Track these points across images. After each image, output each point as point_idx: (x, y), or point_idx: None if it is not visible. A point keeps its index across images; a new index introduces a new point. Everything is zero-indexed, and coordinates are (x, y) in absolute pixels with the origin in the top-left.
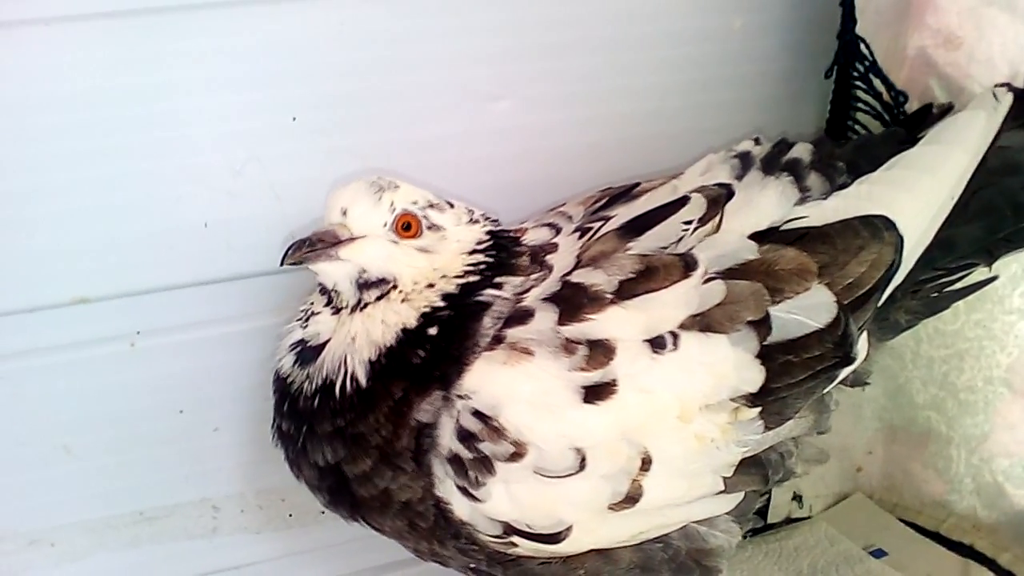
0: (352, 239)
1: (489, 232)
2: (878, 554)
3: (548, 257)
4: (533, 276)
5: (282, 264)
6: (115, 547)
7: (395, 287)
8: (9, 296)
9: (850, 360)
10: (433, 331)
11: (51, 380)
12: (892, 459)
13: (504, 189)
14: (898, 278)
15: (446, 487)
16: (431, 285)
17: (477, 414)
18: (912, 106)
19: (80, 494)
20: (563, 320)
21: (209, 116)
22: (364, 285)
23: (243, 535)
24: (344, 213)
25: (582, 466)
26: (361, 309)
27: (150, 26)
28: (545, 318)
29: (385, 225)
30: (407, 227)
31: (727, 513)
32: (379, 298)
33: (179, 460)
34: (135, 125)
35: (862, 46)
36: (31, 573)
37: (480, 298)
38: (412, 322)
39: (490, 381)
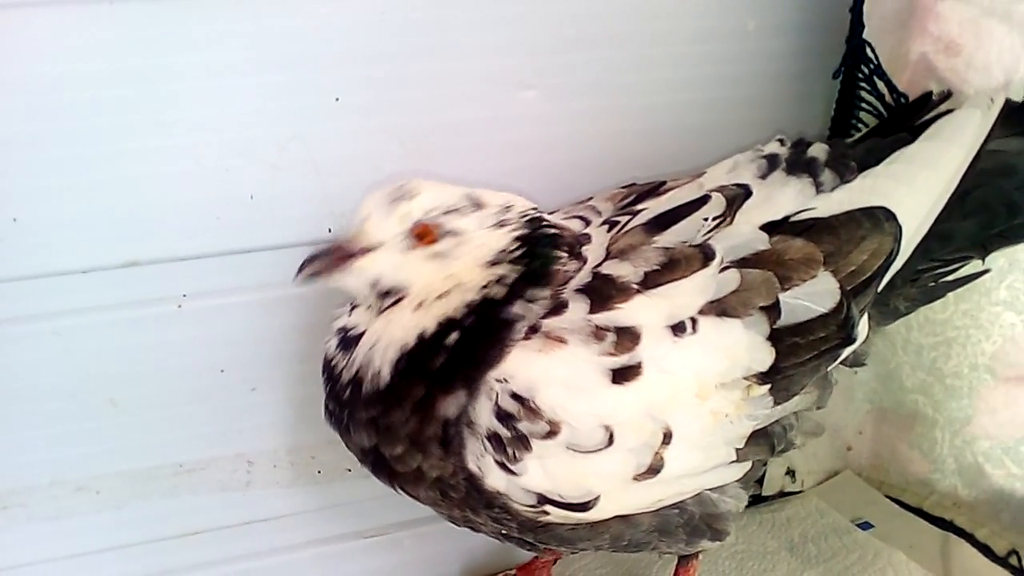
0: (367, 250)
1: (520, 237)
2: (865, 527)
3: (584, 249)
4: (571, 270)
5: (296, 278)
6: (155, 496)
7: (405, 296)
8: (65, 257)
9: (851, 341)
10: (452, 338)
11: (101, 337)
12: (880, 439)
13: (529, 172)
14: (896, 265)
15: (485, 462)
16: (446, 293)
17: (515, 396)
18: None
19: (124, 445)
20: (594, 309)
21: (257, 94)
22: (381, 293)
23: (275, 489)
24: (364, 222)
25: (610, 442)
26: (382, 312)
27: (203, 5)
28: (578, 308)
29: (400, 234)
30: (423, 235)
31: (736, 481)
32: (393, 304)
33: (218, 417)
34: (188, 100)
35: (868, 50)
36: (77, 517)
37: (507, 317)
38: (431, 327)
39: (526, 367)
